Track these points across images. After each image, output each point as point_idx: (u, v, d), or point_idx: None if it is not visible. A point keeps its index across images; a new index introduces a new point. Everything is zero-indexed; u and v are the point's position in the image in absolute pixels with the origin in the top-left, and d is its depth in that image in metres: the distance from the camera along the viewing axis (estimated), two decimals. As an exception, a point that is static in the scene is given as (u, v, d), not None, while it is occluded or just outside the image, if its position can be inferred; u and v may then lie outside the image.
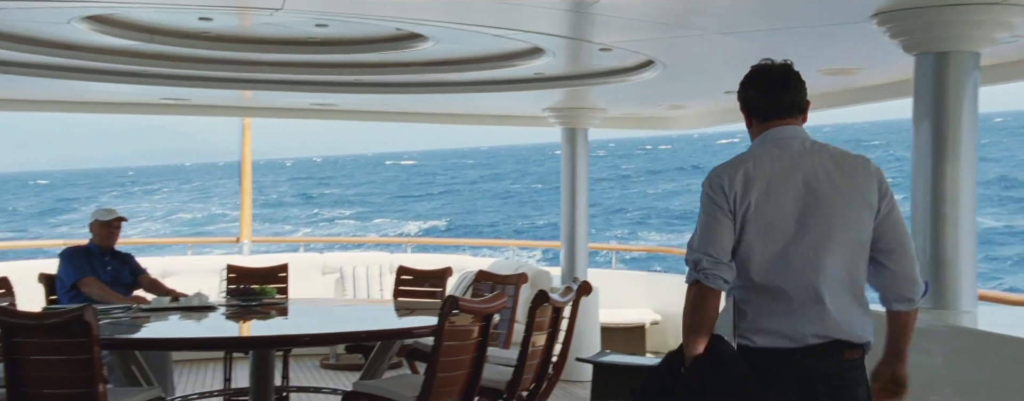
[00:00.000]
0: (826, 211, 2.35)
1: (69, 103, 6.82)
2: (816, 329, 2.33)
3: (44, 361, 3.53)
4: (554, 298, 4.31)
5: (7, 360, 3.52)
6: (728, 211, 2.36)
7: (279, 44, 4.83)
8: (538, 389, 4.46)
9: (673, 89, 5.80)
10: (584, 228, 6.92)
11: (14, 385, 3.54)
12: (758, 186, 2.36)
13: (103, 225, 5.37)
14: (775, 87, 2.48)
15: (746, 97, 2.54)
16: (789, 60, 2.53)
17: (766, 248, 2.34)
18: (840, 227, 2.35)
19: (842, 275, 2.35)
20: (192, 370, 6.85)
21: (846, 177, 2.38)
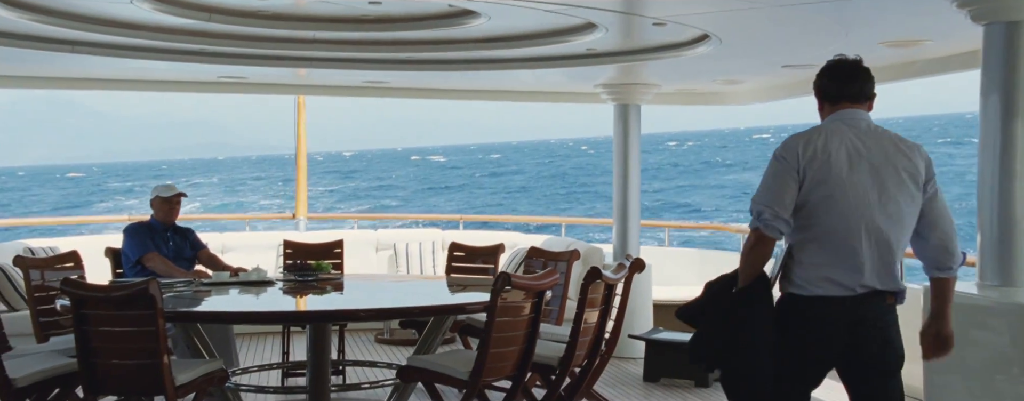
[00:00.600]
0: (881, 183, 2.76)
1: (130, 81, 6.98)
2: (863, 281, 2.76)
3: (112, 332, 3.65)
4: (606, 275, 4.30)
5: (78, 331, 3.65)
6: (796, 174, 2.75)
7: (333, 22, 4.86)
8: (590, 366, 4.47)
9: (728, 64, 5.69)
10: (636, 205, 6.87)
11: (84, 355, 3.67)
12: (826, 156, 2.75)
13: (164, 201, 5.51)
14: (845, 75, 2.90)
15: (820, 84, 2.95)
16: (859, 56, 2.95)
17: (828, 209, 2.74)
18: (891, 198, 2.76)
19: (887, 238, 2.77)
20: (251, 343, 7.02)
21: (902, 157, 2.80)
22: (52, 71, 6.39)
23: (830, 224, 2.75)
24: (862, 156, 2.77)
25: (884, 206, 2.75)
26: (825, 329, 2.76)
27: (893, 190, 2.76)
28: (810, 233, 2.77)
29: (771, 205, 2.76)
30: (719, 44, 4.82)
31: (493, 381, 4.25)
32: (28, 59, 5.57)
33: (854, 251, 2.74)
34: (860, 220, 2.74)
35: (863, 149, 2.78)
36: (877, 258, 2.76)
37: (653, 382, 5.86)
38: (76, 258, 5.28)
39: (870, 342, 2.77)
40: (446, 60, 5.81)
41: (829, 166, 2.74)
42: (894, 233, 2.77)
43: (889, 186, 2.75)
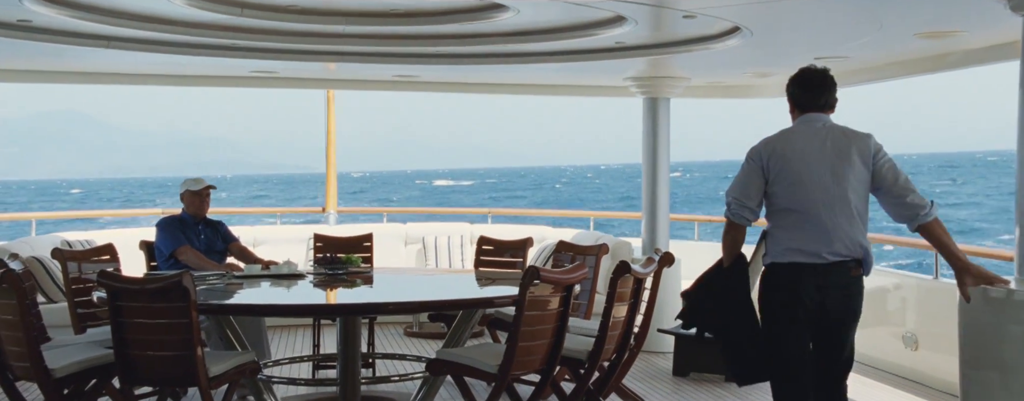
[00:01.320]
0: (834, 169, 3.31)
1: (164, 77, 7.07)
2: (832, 249, 3.30)
3: (146, 324, 3.71)
4: (635, 269, 4.29)
5: (113, 323, 3.71)
6: (761, 171, 3.39)
7: (363, 16, 4.89)
8: (620, 360, 4.46)
9: (760, 56, 5.63)
10: (666, 199, 6.83)
11: (120, 346, 3.73)
12: (784, 154, 3.37)
13: (194, 194, 5.57)
14: (813, 87, 3.49)
15: (792, 92, 3.54)
16: (827, 66, 3.55)
17: (791, 195, 3.34)
18: (843, 179, 3.31)
19: (849, 212, 3.31)
20: (282, 335, 7.09)
21: (849, 143, 3.36)
22: (88, 66, 6.49)
23: (795, 207, 3.34)
24: (816, 150, 3.35)
25: (840, 187, 3.31)
26: (798, 290, 3.33)
27: (845, 173, 3.31)
28: (780, 216, 3.39)
29: (738, 197, 3.43)
30: (750, 36, 4.77)
31: (522, 375, 4.26)
32: (65, 54, 5.66)
33: (820, 226, 3.30)
34: (819, 202, 3.31)
35: (817, 144, 3.36)
36: (840, 229, 3.31)
37: (682, 376, 5.83)
38: (112, 251, 5.37)
39: (835, 301, 3.35)
40: (474, 54, 5.81)
41: (787, 162, 3.35)
42: (850, 208, 3.31)
43: (841, 170, 3.31)
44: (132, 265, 5.76)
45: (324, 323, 6.27)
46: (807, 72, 3.52)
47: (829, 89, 3.48)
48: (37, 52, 5.55)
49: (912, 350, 5.81)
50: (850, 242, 3.33)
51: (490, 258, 6.26)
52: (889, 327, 6.11)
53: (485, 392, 4.66)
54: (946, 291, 5.37)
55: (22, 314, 3.74)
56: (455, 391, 5.11)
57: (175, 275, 3.63)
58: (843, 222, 3.31)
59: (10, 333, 3.84)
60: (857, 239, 3.34)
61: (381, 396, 4.96)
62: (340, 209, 8.97)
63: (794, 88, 3.52)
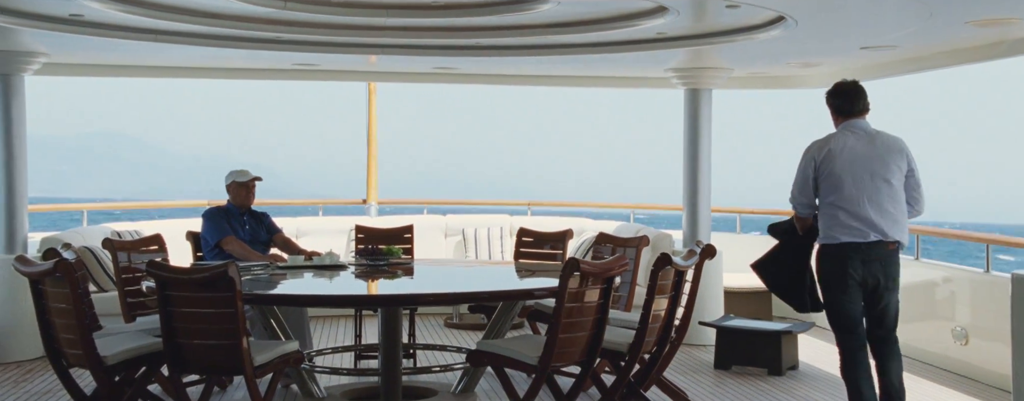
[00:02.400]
0: (872, 169, 4.06)
1: (209, 69, 7.18)
2: (874, 232, 4.04)
3: (193, 313, 3.78)
4: (676, 261, 4.26)
5: (162, 312, 3.79)
6: (813, 169, 4.13)
7: (404, 8, 4.91)
8: (660, 352, 4.44)
9: (804, 46, 5.54)
10: (707, 191, 6.77)
11: (169, 335, 3.81)
12: (834, 156, 4.08)
13: (240, 185, 5.65)
14: (852, 97, 4.17)
15: (834, 103, 4.20)
16: (856, 79, 4.24)
17: (844, 188, 4.05)
18: (882, 175, 4.07)
19: (885, 202, 4.06)
20: (323, 326, 7.18)
21: (888, 147, 4.11)
22: (135, 60, 6.62)
23: (839, 203, 4.06)
24: (859, 153, 4.07)
25: (875, 184, 4.04)
26: (846, 264, 4.05)
27: (883, 172, 4.06)
28: (827, 207, 4.11)
29: (796, 195, 4.21)
30: (795, 26, 4.70)
31: (562, 366, 4.26)
32: (115, 48, 5.78)
33: (862, 214, 4.03)
34: (862, 193, 4.04)
35: (860, 147, 4.08)
36: (880, 217, 4.03)
37: (724, 370, 5.79)
38: (160, 241, 5.48)
39: (877, 271, 4.06)
40: (515, 46, 5.81)
41: (833, 163, 4.07)
42: (887, 199, 4.05)
43: (880, 170, 4.05)
44: (179, 255, 5.87)
45: (365, 314, 6.34)
46: (842, 84, 4.22)
47: (863, 96, 4.17)
48: (88, 46, 5.67)
49: (962, 345, 5.70)
50: (888, 228, 4.07)
51: (530, 250, 6.27)
52: (938, 321, 6.00)
53: (525, 383, 4.67)
54: (998, 284, 5.25)
55: (75, 302, 3.83)
56: (495, 382, 5.13)
57: (221, 265, 3.69)
58: (883, 212, 4.05)
59: (63, 321, 3.94)
60: (893, 225, 4.08)
61: (422, 386, 5.00)
62: (381, 201, 9.03)
63: (834, 99, 4.20)
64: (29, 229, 6.18)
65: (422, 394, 4.87)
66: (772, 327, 5.84)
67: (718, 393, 5.24)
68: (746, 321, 6.07)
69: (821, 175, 4.09)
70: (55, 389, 5.01)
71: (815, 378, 5.60)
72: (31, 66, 5.96)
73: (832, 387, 5.40)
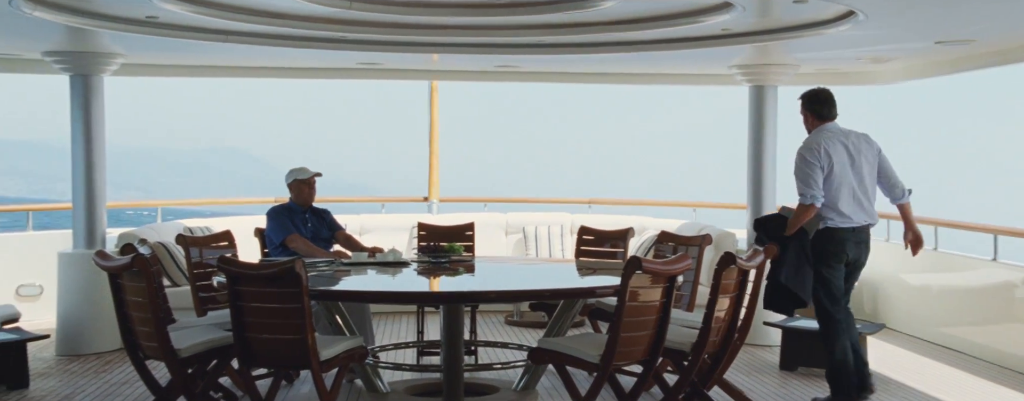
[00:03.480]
0: (856, 163, 4.76)
1: (275, 69, 7.35)
2: (863, 218, 4.77)
3: (262, 308, 3.88)
4: (740, 260, 4.20)
5: (232, 306, 3.89)
6: (818, 167, 4.68)
7: (466, 7, 4.94)
8: (724, 352, 4.39)
9: (875, 41, 5.39)
10: (772, 189, 6.66)
11: (239, 329, 3.92)
12: (832, 154, 4.70)
13: (301, 183, 5.74)
14: (830, 104, 4.84)
15: (813, 109, 4.83)
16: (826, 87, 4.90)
17: (841, 183, 4.70)
18: (865, 170, 4.78)
19: (868, 192, 4.79)
20: (385, 322, 7.28)
21: (861, 143, 4.80)
22: (204, 60, 6.81)
23: (840, 190, 4.69)
24: (847, 149, 4.73)
25: (859, 175, 4.74)
26: (846, 244, 4.72)
27: (863, 166, 4.75)
28: (831, 197, 4.69)
29: (812, 190, 4.66)
30: (865, 20, 4.58)
31: (624, 365, 4.24)
32: (184, 49, 5.95)
33: (852, 204, 4.72)
34: (852, 187, 4.71)
35: (846, 144, 4.75)
36: (866, 205, 4.77)
37: (790, 370, 5.68)
38: (230, 237, 5.62)
39: (862, 253, 4.82)
40: (577, 43, 5.79)
41: (830, 160, 4.68)
42: (868, 189, 4.79)
43: (861, 162, 4.75)
44: (248, 251, 6.02)
45: (427, 310, 6.41)
46: (821, 92, 4.84)
47: (836, 102, 4.85)
48: (161, 47, 5.86)
49: None
50: (869, 213, 4.80)
51: (590, 248, 6.25)
52: (1018, 324, 5.79)
53: (586, 382, 4.66)
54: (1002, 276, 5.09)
55: (151, 296, 3.96)
56: (556, 380, 5.14)
57: (288, 262, 3.77)
58: (865, 200, 4.76)
59: (140, 314, 4.08)
60: (872, 212, 4.83)
61: (483, 383, 5.03)
62: (442, 198, 9.11)
63: (815, 106, 4.82)
64: (107, 225, 6.41)
65: (484, 391, 4.90)
66: (840, 328, 5.70)
67: (784, 394, 5.15)
68: (813, 322, 5.94)
69: (825, 170, 4.70)
70: (132, 380, 5.19)
71: (885, 381, 5.45)
72: (109, 67, 6.18)
73: (902, 389, 5.26)
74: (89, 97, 6.15)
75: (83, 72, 6.11)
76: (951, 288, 6.70)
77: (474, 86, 68.47)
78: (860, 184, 4.72)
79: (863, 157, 4.76)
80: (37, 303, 6.99)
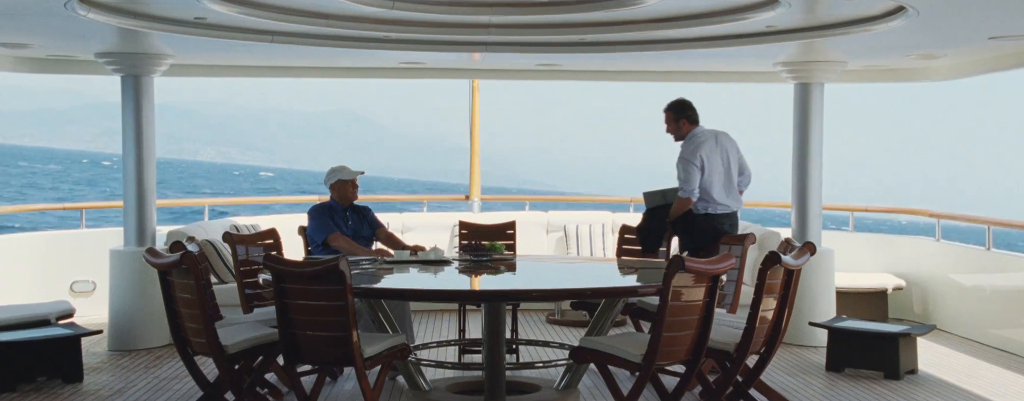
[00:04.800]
0: (726, 159, 5.70)
1: (320, 69, 7.43)
2: (733, 205, 5.73)
3: (306, 305, 3.93)
4: (786, 260, 4.14)
5: (278, 303, 3.95)
6: (697, 168, 5.59)
7: (507, 6, 4.94)
8: (770, 353, 4.33)
9: (926, 37, 5.27)
10: (818, 188, 6.56)
11: (284, 326, 3.97)
12: (707, 155, 5.61)
13: (344, 183, 5.79)
14: (695, 109, 5.76)
15: (688, 115, 5.74)
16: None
17: (711, 178, 5.61)
18: (730, 165, 5.71)
19: (732, 185, 5.74)
20: (425, 320, 7.32)
21: (727, 141, 5.74)
22: (251, 60, 6.91)
23: (710, 186, 5.61)
24: (717, 149, 5.66)
25: (729, 170, 5.68)
26: (723, 227, 5.67)
27: (731, 161, 5.70)
28: (704, 191, 5.62)
29: (692, 185, 5.58)
30: (916, 16, 4.48)
31: (667, 365, 4.21)
32: (231, 49, 6.05)
33: (727, 192, 5.67)
34: (725, 180, 5.67)
35: (716, 145, 5.66)
36: (732, 194, 5.72)
37: (837, 372, 5.59)
38: (275, 235, 5.70)
39: (731, 229, 5.72)
40: (619, 41, 5.76)
41: (708, 160, 5.60)
42: (734, 180, 5.73)
43: (728, 159, 5.69)
44: (293, 249, 6.10)
45: (469, 308, 6.43)
46: (686, 101, 5.76)
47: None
48: (210, 48, 5.96)
49: None
50: (737, 201, 5.77)
51: (632, 246, 6.21)
52: None
53: (628, 381, 4.64)
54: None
55: (199, 293, 4.04)
56: (598, 379, 5.12)
57: (332, 260, 3.81)
58: (733, 190, 5.73)
59: (188, 311, 4.16)
60: (739, 199, 5.80)
61: (525, 381, 5.03)
62: (483, 197, 9.13)
63: (687, 112, 5.71)
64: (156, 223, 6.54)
65: (525, 389, 4.90)
66: (889, 329, 5.61)
67: (830, 396, 5.07)
68: (860, 322, 5.85)
69: (703, 170, 5.57)
70: (182, 375, 5.29)
71: (936, 383, 5.34)
72: (159, 67, 6.30)
73: (954, 392, 5.14)
74: (140, 97, 6.28)
75: (134, 72, 6.24)
76: (1004, 289, 6.54)
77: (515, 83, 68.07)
78: (728, 177, 5.67)
79: (730, 154, 5.68)
80: (90, 299, 7.17)
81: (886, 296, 7.21)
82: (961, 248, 7.14)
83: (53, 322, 5.52)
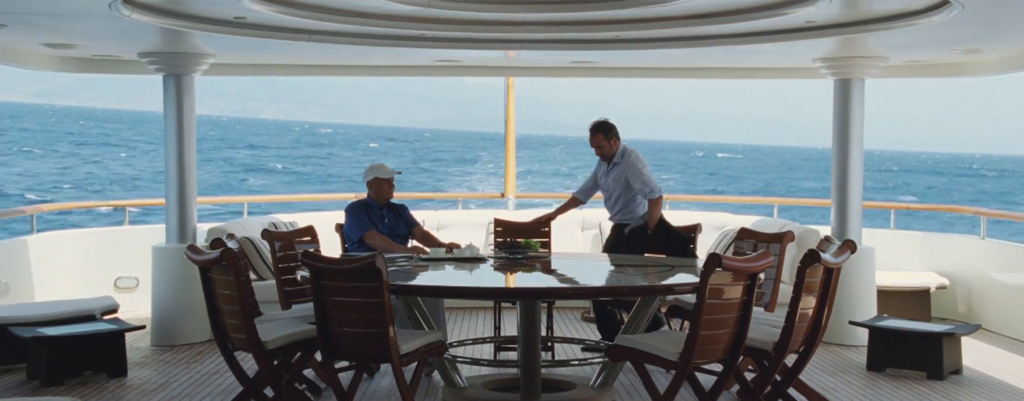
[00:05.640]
0: None
1: (355, 67, 7.49)
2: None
3: (344, 302, 3.96)
4: (826, 258, 4.09)
5: (316, 300, 3.99)
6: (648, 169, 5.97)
7: (542, 3, 4.93)
8: (809, 352, 4.28)
9: (971, 31, 5.16)
10: (858, 185, 6.46)
11: (322, 323, 4.01)
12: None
13: (381, 181, 5.82)
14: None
15: (617, 134, 6.00)
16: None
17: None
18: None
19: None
20: (460, 317, 7.34)
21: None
22: (288, 59, 6.99)
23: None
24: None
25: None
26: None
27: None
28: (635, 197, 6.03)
29: (657, 183, 5.92)
30: (961, 10, 4.38)
31: (704, 363, 4.18)
32: (269, 48, 6.12)
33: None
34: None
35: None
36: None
37: (878, 372, 5.51)
38: (313, 232, 5.76)
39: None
40: (656, 38, 5.72)
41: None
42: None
43: None
44: (330, 246, 6.16)
45: (504, 306, 6.43)
46: (611, 122, 6.01)
47: None
48: (249, 47, 6.04)
49: None
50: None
51: (667, 244, 6.16)
52: None
53: (665, 379, 4.62)
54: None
55: (239, 289, 4.09)
56: (633, 378, 5.10)
57: (369, 257, 3.84)
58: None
59: (228, 307, 4.22)
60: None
61: (560, 379, 5.02)
62: (518, 194, 9.14)
63: (616, 132, 5.99)
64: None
65: (561, 387, 4.90)
66: (933, 328, 5.51)
67: (871, 395, 4.99)
68: (902, 322, 5.75)
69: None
70: (222, 370, 5.37)
71: (981, 384, 5.24)
72: (200, 66, 6.40)
73: (1001, 393, 5.04)
74: (181, 96, 6.38)
75: (176, 72, 6.34)
76: (1052, 289, 6.38)
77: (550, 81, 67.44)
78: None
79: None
80: (134, 295, 7.31)
81: (929, 295, 7.08)
82: (1008, 246, 6.98)
83: (98, 317, 5.64)
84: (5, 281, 6.38)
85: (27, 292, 6.65)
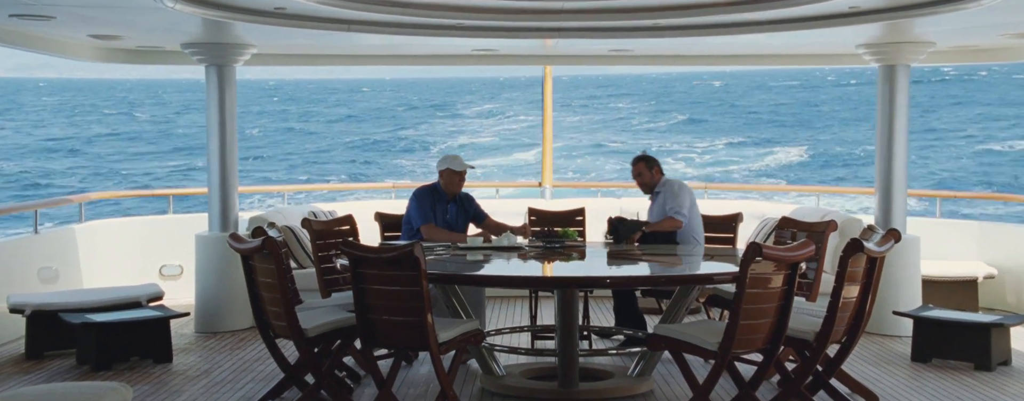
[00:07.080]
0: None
1: (394, 57, 7.52)
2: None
3: (383, 291, 3.99)
4: (869, 247, 4.02)
5: (355, 288, 4.03)
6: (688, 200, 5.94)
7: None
8: (852, 342, 4.22)
9: (1021, 15, 5.02)
10: (903, 173, 6.33)
11: (361, 311, 4.05)
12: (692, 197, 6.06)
13: (454, 173, 5.75)
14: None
15: (659, 164, 6.03)
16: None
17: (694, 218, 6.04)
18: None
19: None
20: (496, 306, 7.35)
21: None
22: (326, 49, 7.04)
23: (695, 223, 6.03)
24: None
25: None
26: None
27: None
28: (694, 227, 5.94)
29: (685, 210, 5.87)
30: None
31: (743, 354, 4.15)
32: (307, 37, 6.16)
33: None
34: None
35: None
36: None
37: (923, 362, 5.41)
38: (351, 221, 5.81)
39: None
40: (694, 25, 5.65)
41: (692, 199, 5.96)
42: None
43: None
44: (368, 235, 6.21)
45: (541, 295, 6.43)
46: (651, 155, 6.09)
47: None
48: (288, 37, 6.09)
49: None
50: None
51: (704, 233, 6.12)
52: None
53: (703, 369, 4.58)
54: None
55: (280, 277, 4.15)
56: (672, 367, 5.07)
57: (407, 245, 3.86)
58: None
59: (270, 295, 4.28)
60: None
61: (598, 368, 5.02)
62: (555, 184, 9.12)
63: (658, 164, 6.01)
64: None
65: (598, 376, 4.89)
66: (980, 319, 5.39)
67: (916, 387, 4.91)
68: (948, 312, 5.64)
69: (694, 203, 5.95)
70: (264, 357, 5.46)
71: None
72: (242, 57, 6.47)
73: (1048, 388, 4.92)
74: (223, 87, 6.46)
75: (218, 62, 6.42)
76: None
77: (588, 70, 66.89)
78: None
79: None
80: (178, 282, 7.45)
81: (976, 285, 6.93)
82: None
83: (144, 304, 5.76)
84: (55, 268, 6.54)
85: (75, 279, 6.81)
